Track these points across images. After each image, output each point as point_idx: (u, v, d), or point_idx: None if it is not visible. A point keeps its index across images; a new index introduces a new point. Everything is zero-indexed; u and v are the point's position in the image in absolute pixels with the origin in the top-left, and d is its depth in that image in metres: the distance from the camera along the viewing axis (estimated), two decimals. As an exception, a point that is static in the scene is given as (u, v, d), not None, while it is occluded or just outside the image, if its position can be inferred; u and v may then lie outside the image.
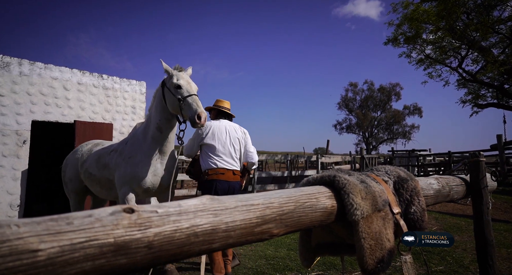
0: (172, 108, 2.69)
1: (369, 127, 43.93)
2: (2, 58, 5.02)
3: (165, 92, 2.72)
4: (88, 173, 3.34)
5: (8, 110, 5.01)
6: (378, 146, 45.91)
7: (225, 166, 2.93)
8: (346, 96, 44.18)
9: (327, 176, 1.24)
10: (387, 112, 42.70)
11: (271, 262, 3.36)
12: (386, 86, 42.52)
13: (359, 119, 40.70)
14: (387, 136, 44.21)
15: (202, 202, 0.90)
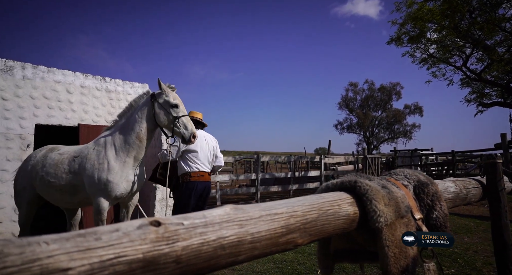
0: (163, 123, 2.99)
1: (370, 127, 43.82)
2: (5, 62, 5.00)
3: (156, 107, 2.98)
4: (45, 180, 3.12)
5: (12, 114, 4.99)
6: (379, 145, 45.78)
7: (204, 169, 3.40)
8: (347, 96, 44.05)
9: (348, 181, 1.21)
10: (387, 111, 42.59)
11: (279, 265, 3.32)
12: (387, 86, 42.39)
13: (360, 119, 40.62)
14: (388, 136, 44.09)
15: (226, 212, 0.87)
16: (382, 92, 41.69)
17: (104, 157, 2.99)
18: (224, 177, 8.04)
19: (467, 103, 11.73)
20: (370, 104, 43.14)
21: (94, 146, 3.13)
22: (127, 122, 3.09)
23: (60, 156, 3.19)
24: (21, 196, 3.38)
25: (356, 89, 43.74)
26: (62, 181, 3.06)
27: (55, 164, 3.14)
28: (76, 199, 3.14)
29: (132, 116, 3.07)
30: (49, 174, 3.11)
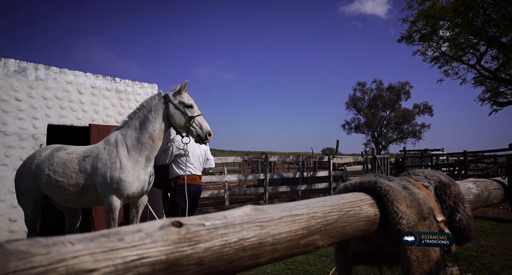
0: (178, 123, 3.08)
1: (378, 127, 43.28)
2: (19, 63, 5.10)
3: (171, 108, 3.07)
4: (52, 179, 3.11)
5: (25, 115, 5.08)
6: (387, 145, 45.19)
7: (196, 172, 3.52)
8: (354, 96, 43.62)
9: (367, 181, 1.18)
10: (396, 111, 42.01)
11: (290, 266, 3.29)
12: (395, 85, 41.83)
13: (368, 119, 40.17)
14: (397, 136, 43.48)
15: (247, 213, 0.86)
16: (391, 91, 41.15)
17: (116, 156, 3.02)
18: (233, 177, 8.04)
19: (481, 102, 11.44)
20: (378, 104, 42.63)
21: (104, 145, 3.15)
22: (139, 122, 3.13)
23: (68, 155, 3.20)
24: (25, 196, 3.38)
25: (364, 89, 43.29)
26: (71, 180, 3.06)
27: (64, 163, 3.14)
28: (84, 199, 3.15)
29: (145, 117, 3.12)
30: (57, 173, 3.11)
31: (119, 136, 3.15)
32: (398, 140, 41.99)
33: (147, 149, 3.06)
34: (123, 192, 2.97)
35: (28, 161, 3.45)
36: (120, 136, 3.15)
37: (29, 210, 3.40)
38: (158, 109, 3.10)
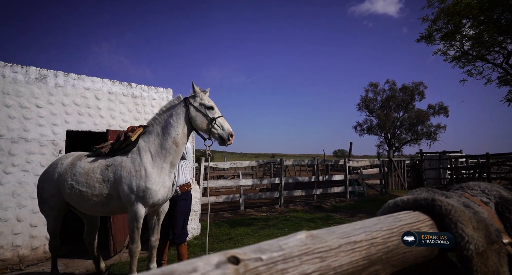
0: (200, 126, 3.03)
1: (391, 128, 42.35)
2: (40, 70, 5.17)
3: (192, 111, 3.03)
4: (75, 189, 3.07)
5: (45, 121, 5.15)
6: (401, 147, 44.23)
7: (189, 180, 3.69)
8: (366, 97, 42.86)
9: (423, 199, 1.07)
10: (410, 112, 41.01)
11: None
12: (409, 86, 40.89)
13: (381, 120, 39.37)
14: (411, 137, 42.44)
15: (303, 242, 0.76)
16: (404, 92, 40.29)
17: (140, 164, 2.97)
18: (248, 181, 7.96)
19: (508, 103, 10.89)
20: (391, 105, 41.79)
21: (127, 153, 3.11)
22: (161, 128, 3.08)
23: (90, 164, 3.16)
24: (48, 204, 3.36)
25: (376, 90, 42.53)
26: (95, 190, 3.03)
27: (86, 172, 3.10)
28: (107, 208, 3.11)
29: (167, 122, 3.06)
30: (80, 183, 3.08)
31: (141, 143, 3.11)
32: (412, 141, 41.01)
33: (172, 155, 3.02)
34: (149, 200, 2.92)
35: (50, 169, 3.45)
36: (142, 143, 3.10)
37: (51, 218, 3.40)
38: (179, 113, 3.05)
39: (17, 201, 4.79)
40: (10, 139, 4.81)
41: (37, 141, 5.05)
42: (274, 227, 5.81)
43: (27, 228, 4.86)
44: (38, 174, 5.01)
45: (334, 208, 8.22)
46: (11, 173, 4.78)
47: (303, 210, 7.92)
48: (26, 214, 4.87)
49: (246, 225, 6.12)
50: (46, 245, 4.97)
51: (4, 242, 4.63)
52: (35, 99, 5.09)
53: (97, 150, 3.32)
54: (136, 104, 6.34)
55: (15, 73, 4.95)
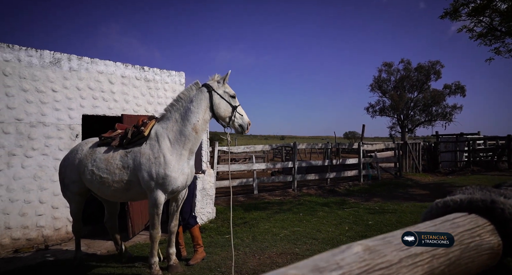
0: (223, 113, 3.02)
1: (405, 110, 41.31)
2: (53, 54, 5.12)
3: (216, 98, 3.01)
4: (96, 175, 3.10)
5: (61, 106, 5.16)
6: (414, 128, 43.30)
7: None
8: (379, 77, 41.59)
9: (480, 200, 0.97)
10: (424, 92, 39.73)
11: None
12: (425, 65, 39.31)
13: (394, 101, 38.36)
14: (425, 119, 41.40)
15: (361, 257, 0.69)
16: (419, 72, 38.83)
17: (159, 151, 2.95)
18: (261, 165, 7.97)
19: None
20: (405, 85, 40.48)
21: (146, 140, 3.09)
22: (180, 114, 3.05)
23: (110, 151, 3.17)
24: (70, 190, 3.42)
25: (390, 70, 41.12)
26: (115, 177, 3.04)
27: (106, 159, 3.11)
28: (128, 194, 3.14)
29: (186, 108, 3.03)
30: (100, 169, 3.10)
31: (159, 129, 3.07)
32: (426, 123, 40.03)
33: (191, 141, 3.01)
34: (169, 187, 2.93)
35: (71, 154, 3.47)
36: (160, 129, 3.07)
37: (74, 203, 3.47)
38: (201, 99, 3.01)
39: (38, 183, 4.92)
40: (29, 123, 4.86)
41: (54, 125, 5.10)
42: (289, 212, 5.85)
43: (49, 210, 5.02)
44: (57, 158, 5.10)
45: (348, 192, 8.20)
46: (32, 157, 4.87)
47: (316, 194, 7.93)
48: (48, 196, 5.01)
49: (261, 209, 6.18)
50: (68, 226, 5.15)
51: (29, 223, 4.81)
52: (50, 83, 5.08)
53: (105, 139, 3.31)
54: (149, 88, 6.28)
55: (30, 57, 4.92)
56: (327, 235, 4.24)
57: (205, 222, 5.43)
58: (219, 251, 3.82)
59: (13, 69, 4.75)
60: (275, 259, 3.41)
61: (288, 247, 3.81)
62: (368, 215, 5.46)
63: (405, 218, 5.14)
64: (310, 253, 3.56)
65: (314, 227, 4.73)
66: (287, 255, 3.51)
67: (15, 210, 4.69)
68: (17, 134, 4.75)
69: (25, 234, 4.76)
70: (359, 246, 0.75)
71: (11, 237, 4.64)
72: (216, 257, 3.61)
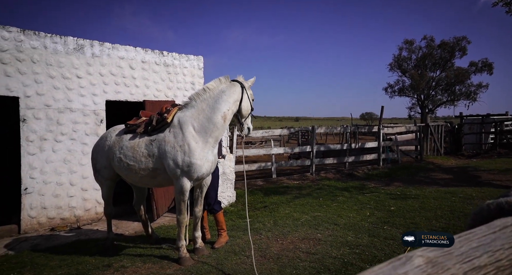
0: (245, 111, 3.24)
1: (426, 89, 39.61)
2: (77, 40, 5.17)
3: (245, 96, 3.22)
4: (124, 162, 3.22)
5: (86, 92, 5.28)
6: (435, 109, 41.67)
7: None
8: (400, 56, 39.62)
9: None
10: (448, 71, 37.76)
11: (355, 250, 3.23)
12: (449, 41, 37.01)
13: (414, 81, 36.75)
14: (447, 98, 39.62)
15: (423, 270, 0.68)
16: (443, 49, 36.64)
17: (183, 139, 3.01)
18: (279, 150, 7.98)
19: None
20: (427, 63, 38.48)
21: (169, 128, 3.14)
22: (207, 103, 3.11)
23: (135, 138, 3.26)
24: (101, 175, 3.57)
25: (411, 48, 38.99)
26: (141, 164, 3.14)
27: (132, 146, 3.21)
28: (155, 181, 3.26)
29: (218, 96, 3.11)
30: (128, 156, 3.20)
31: (182, 117, 3.11)
32: (448, 103, 38.34)
33: (219, 129, 3.10)
34: (194, 175, 3.01)
35: (101, 141, 3.60)
36: (184, 117, 3.11)
37: (105, 187, 3.63)
38: (233, 92, 3.16)
39: (68, 167, 5.15)
40: (57, 109, 5.02)
41: (80, 110, 5.24)
42: (309, 196, 5.89)
43: (80, 192, 5.28)
44: (84, 142, 5.29)
45: (367, 176, 8.14)
46: (61, 141, 5.07)
47: (335, 178, 7.93)
48: (77, 179, 5.25)
49: (280, 193, 6.26)
50: (97, 207, 5.43)
51: (62, 203, 5.10)
52: (75, 69, 5.16)
53: (131, 126, 3.39)
54: (169, 73, 6.28)
55: (55, 44, 4.98)
56: (349, 221, 4.27)
57: (226, 205, 5.58)
58: (241, 235, 3.94)
59: (40, 56, 4.85)
60: (298, 244, 3.49)
61: (310, 232, 3.88)
62: (389, 200, 5.42)
63: (429, 204, 5.06)
64: (332, 238, 3.61)
65: (334, 212, 4.76)
66: (309, 241, 3.58)
67: (49, 191, 4.97)
68: (47, 120, 4.93)
69: (59, 214, 5.07)
70: (420, 258, 0.74)
71: (47, 216, 4.96)
72: (239, 240, 3.72)
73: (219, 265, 3.02)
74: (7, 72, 4.60)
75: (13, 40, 4.65)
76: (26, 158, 4.76)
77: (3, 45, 4.57)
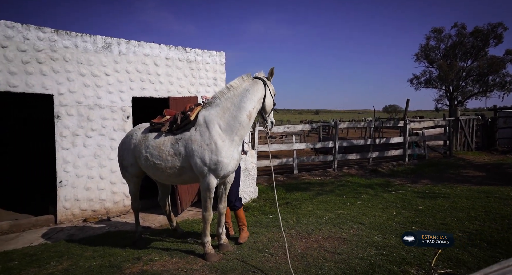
0: (269, 107, 3.25)
1: (455, 80, 37.50)
2: (105, 39, 5.32)
3: (267, 92, 3.20)
4: (150, 161, 3.28)
5: (113, 89, 5.45)
6: (465, 101, 39.46)
7: None
8: (427, 45, 37.68)
9: None
10: (480, 60, 35.45)
11: (383, 251, 3.15)
12: (483, 28, 34.64)
13: (442, 72, 34.88)
14: (478, 89, 37.38)
15: None
16: (476, 37, 34.38)
17: (210, 137, 3.04)
18: (301, 145, 7.91)
19: None
20: (457, 53, 36.34)
21: (194, 126, 3.18)
22: (232, 102, 3.12)
23: (161, 137, 3.31)
24: (128, 172, 3.68)
25: (440, 36, 36.87)
26: (168, 163, 3.20)
27: (158, 145, 3.27)
28: (181, 179, 3.32)
29: (243, 95, 3.12)
30: (154, 155, 3.27)
31: (208, 116, 3.14)
32: (480, 94, 36.15)
33: (244, 128, 3.12)
34: (221, 173, 3.06)
35: (127, 139, 3.70)
36: (209, 116, 3.13)
37: (132, 183, 3.75)
38: (257, 90, 3.16)
39: (98, 161, 5.38)
40: (88, 106, 5.23)
41: (108, 107, 5.43)
42: (332, 193, 5.81)
43: (109, 185, 5.52)
44: (112, 138, 5.50)
45: (392, 173, 7.89)
46: (91, 137, 5.30)
47: (358, 174, 7.75)
48: (107, 173, 5.48)
49: (302, 189, 6.22)
50: (124, 200, 5.65)
51: (93, 196, 5.36)
52: (103, 67, 5.34)
53: (155, 125, 3.45)
54: (191, 69, 6.34)
55: (85, 42, 5.16)
56: (374, 220, 4.17)
57: (248, 201, 5.63)
58: (264, 231, 3.96)
59: (72, 55, 5.05)
60: (322, 243, 3.46)
61: (334, 231, 3.83)
62: (417, 198, 5.23)
63: (461, 203, 4.82)
64: (358, 238, 3.54)
65: (359, 210, 4.67)
66: (334, 240, 3.53)
67: (81, 184, 5.23)
68: (79, 116, 5.15)
69: (90, 206, 5.33)
70: None
71: (79, 208, 5.23)
72: (263, 237, 3.74)
73: (244, 262, 3.06)
74: (42, 71, 4.83)
75: (48, 40, 4.86)
76: (61, 152, 5.01)
77: (38, 45, 4.79)
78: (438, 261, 2.87)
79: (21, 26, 4.67)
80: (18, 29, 4.64)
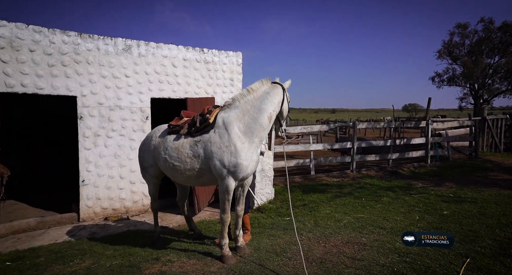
0: (285, 111, 3.28)
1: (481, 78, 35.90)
2: (125, 41, 5.44)
3: (285, 99, 3.23)
4: (169, 163, 3.31)
5: (133, 90, 5.56)
6: (491, 99, 37.72)
7: None
8: (451, 41, 36.22)
9: None
10: (509, 56, 33.72)
11: (406, 259, 3.02)
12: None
13: (467, 69, 33.41)
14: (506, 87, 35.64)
15: None
16: (504, 32, 32.70)
17: (229, 140, 3.03)
18: (318, 146, 7.78)
19: None
20: (483, 49, 34.70)
21: (213, 128, 3.18)
22: (252, 104, 3.12)
23: (179, 139, 3.33)
24: (148, 173, 3.75)
25: (465, 32, 35.36)
26: (186, 165, 3.23)
27: (177, 147, 3.30)
28: (200, 180, 3.34)
29: (263, 97, 3.13)
30: (172, 157, 3.31)
31: (227, 118, 3.13)
32: (508, 92, 34.42)
33: (264, 130, 3.12)
34: (240, 175, 3.05)
35: (147, 141, 3.76)
36: (228, 118, 3.13)
37: (151, 184, 3.82)
38: (277, 93, 3.18)
39: (118, 161, 5.51)
40: (108, 107, 5.36)
41: (128, 108, 5.55)
42: (350, 196, 5.67)
43: (128, 184, 5.64)
44: (132, 138, 5.61)
45: (413, 175, 7.62)
46: (112, 137, 5.43)
47: (377, 176, 7.54)
48: (126, 172, 5.61)
49: (320, 191, 6.11)
50: (143, 200, 5.77)
51: (113, 195, 5.50)
52: (123, 69, 5.46)
53: (174, 127, 3.47)
54: (209, 70, 6.38)
55: (106, 45, 5.30)
56: (396, 225, 4.03)
57: (264, 202, 5.59)
58: (281, 234, 3.91)
59: (94, 58, 5.19)
60: (342, 248, 3.37)
61: (353, 235, 3.73)
62: (441, 203, 5.01)
63: (490, 209, 4.56)
64: (379, 244, 3.42)
65: (379, 214, 4.53)
66: (354, 245, 3.43)
67: (102, 184, 5.38)
68: (100, 117, 5.29)
69: (111, 205, 5.47)
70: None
71: (101, 206, 5.38)
72: (280, 240, 3.70)
73: (261, 265, 3.03)
74: (67, 74, 4.99)
75: (72, 43, 5.02)
76: (83, 152, 5.17)
77: (63, 48, 4.96)
78: (467, 270, 2.73)
79: (48, 30, 4.84)
80: (44, 34, 4.82)
